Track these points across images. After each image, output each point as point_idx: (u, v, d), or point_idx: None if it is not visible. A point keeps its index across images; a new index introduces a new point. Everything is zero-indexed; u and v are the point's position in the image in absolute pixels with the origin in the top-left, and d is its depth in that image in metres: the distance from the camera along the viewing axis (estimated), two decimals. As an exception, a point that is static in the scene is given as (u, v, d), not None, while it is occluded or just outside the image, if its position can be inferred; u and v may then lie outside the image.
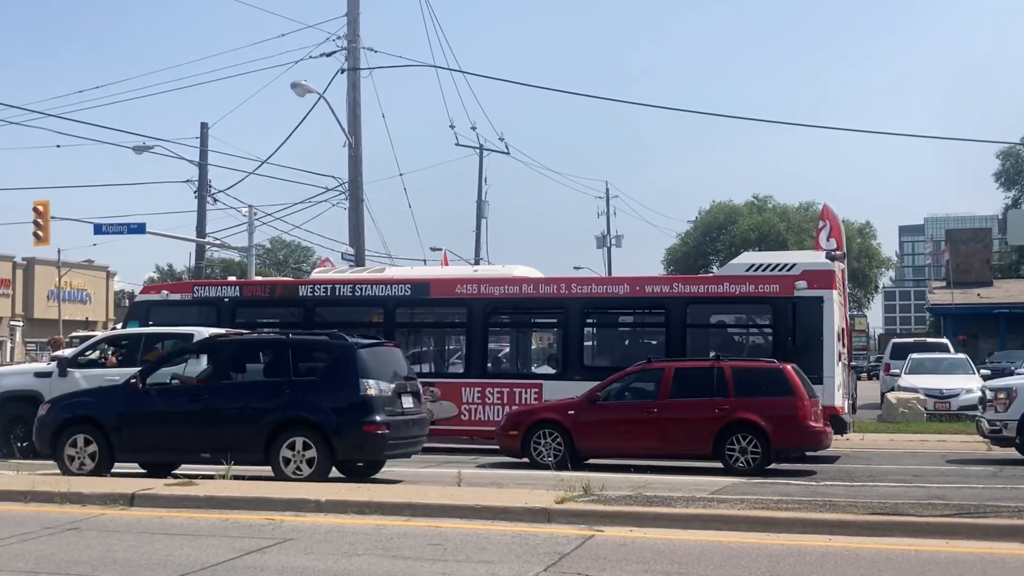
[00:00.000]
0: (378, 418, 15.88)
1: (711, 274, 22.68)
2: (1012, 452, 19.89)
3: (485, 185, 55.19)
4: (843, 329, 22.41)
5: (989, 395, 20.23)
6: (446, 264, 41.08)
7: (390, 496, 13.33)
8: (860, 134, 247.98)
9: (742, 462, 17.94)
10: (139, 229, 36.19)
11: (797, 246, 63.60)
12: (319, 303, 24.02)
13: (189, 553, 10.45)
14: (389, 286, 23.68)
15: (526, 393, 22.10)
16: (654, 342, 22.70)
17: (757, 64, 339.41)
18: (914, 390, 30.44)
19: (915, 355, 35.23)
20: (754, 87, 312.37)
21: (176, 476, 15.49)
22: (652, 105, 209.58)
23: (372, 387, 15.95)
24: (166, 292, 25.35)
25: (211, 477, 15.20)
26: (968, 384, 29.32)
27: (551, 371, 23.11)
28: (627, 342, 23.76)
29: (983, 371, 33.61)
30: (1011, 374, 28.81)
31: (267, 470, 15.89)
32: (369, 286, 23.82)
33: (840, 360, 21.14)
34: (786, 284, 21.06)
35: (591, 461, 18.98)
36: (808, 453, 19.30)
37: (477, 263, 51.80)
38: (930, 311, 68.97)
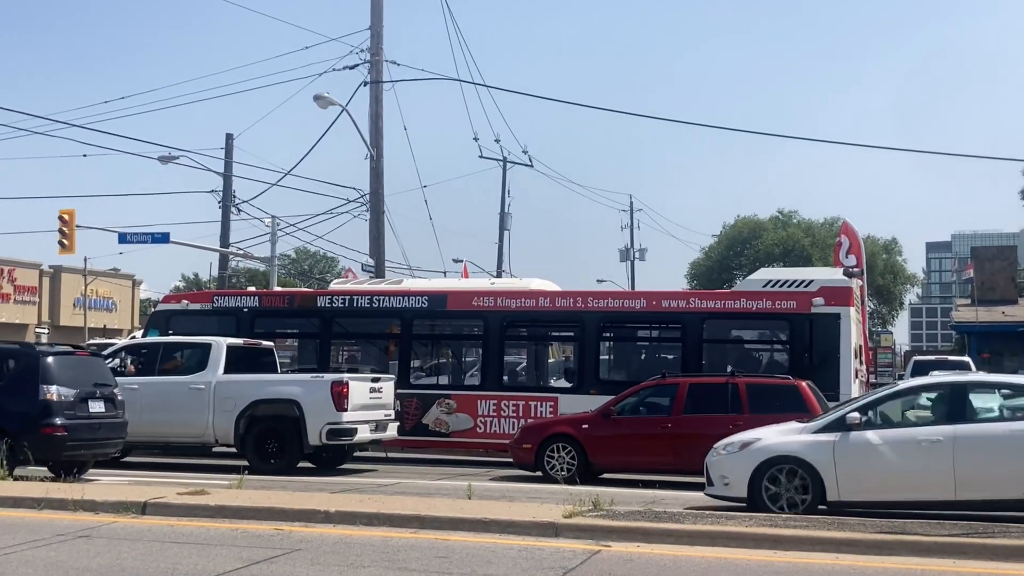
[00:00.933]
0: (57, 421, 17.08)
1: (728, 290, 22.58)
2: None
3: (508, 198, 55.29)
4: (861, 346, 22.30)
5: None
6: (466, 276, 41.16)
7: (399, 508, 13.37)
8: (889, 150, 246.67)
9: None
10: (163, 238, 36.42)
11: (822, 262, 63.35)
12: (337, 314, 24.12)
13: (196, 562, 10.53)
14: (407, 298, 23.74)
15: (542, 406, 22.10)
16: (670, 357, 22.65)
17: (785, 79, 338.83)
18: (934, 408, 30.19)
19: (936, 373, 34.97)
20: (782, 102, 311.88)
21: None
22: (677, 120, 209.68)
23: (52, 393, 17.18)
24: (186, 302, 25.50)
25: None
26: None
27: (567, 385, 23.11)
28: (643, 357, 23.73)
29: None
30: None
31: (284, 478, 15.96)
32: (387, 297, 23.87)
33: (857, 377, 21.05)
34: (803, 300, 21.00)
35: (605, 476, 18.98)
36: None
37: (499, 275, 51.86)
38: (955, 329, 68.46)
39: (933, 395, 15.20)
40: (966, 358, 43.44)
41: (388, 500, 14.33)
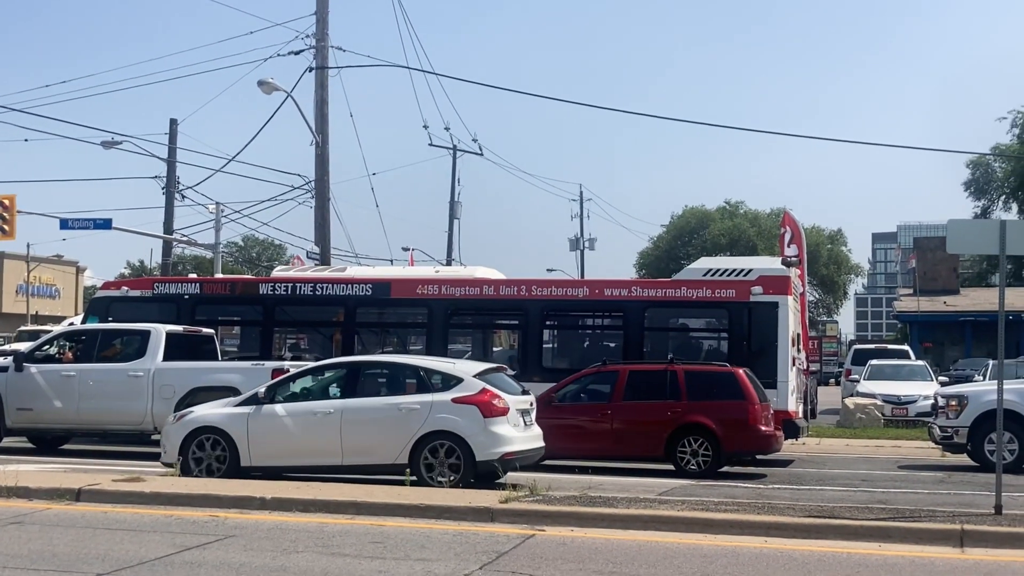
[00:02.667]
0: None
1: (669, 279, 22.78)
2: (964, 458, 20.12)
3: (458, 186, 55.25)
4: (799, 334, 22.61)
5: (941, 402, 20.48)
6: (412, 264, 41.13)
7: (336, 495, 13.42)
8: (835, 142, 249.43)
9: (693, 464, 18.11)
10: (105, 225, 36.06)
11: (768, 251, 63.95)
12: (279, 301, 24.02)
13: (129, 548, 10.51)
14: (350, 285, 23.71)
15: None
16: (613, 345, 22.83)
17: (733, 71, 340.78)
18: (872, 396, 30.73)
19: (875, 361, 35.54)
20: (730, 94, 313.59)
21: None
22: (626, 111, 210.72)
23: None
24: (126, 288, 25.26)
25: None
26: (926, 391, 29.60)
27: (511, 372, 23.18)
28: (586, 344, 23.88)
29: (941, 378, 33.95)
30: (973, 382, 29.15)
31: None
32: (330, 285, 23.81)
33: (795, 365, 21.35)
34: (742, 289, 21.26)
35: (547, 462, 19.05)
36: (760, 456, 19.49)
37: (449, 264, 51.84)
38: (897, 318, 69.45)
39: (335, 373, 16.69)
40: (905, 347, 44.12)
41: (325, 487, 14.35)
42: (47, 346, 21.35)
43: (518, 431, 15.76)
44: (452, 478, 15.04)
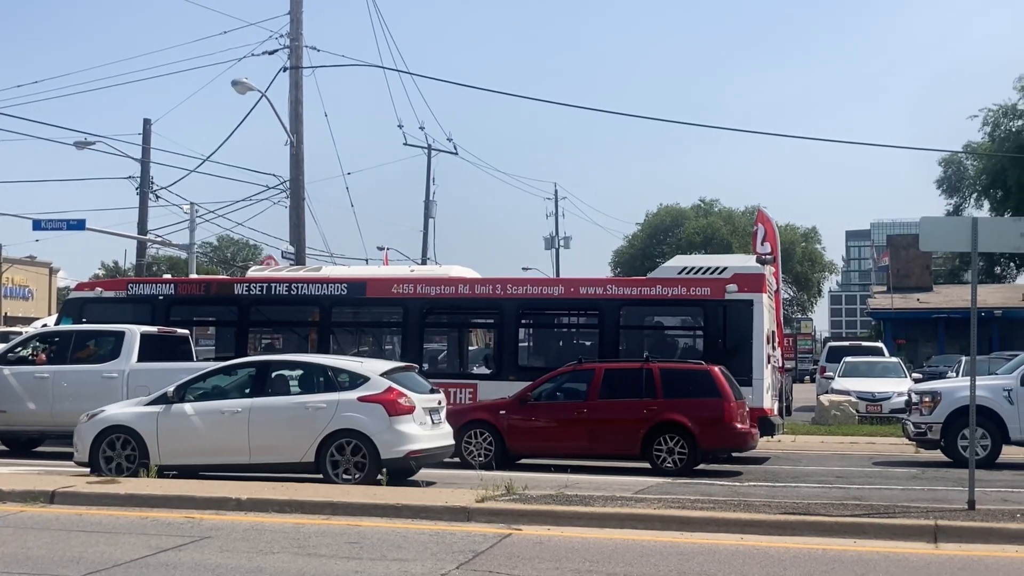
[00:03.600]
0: None
1: (644, 277, 22.83)
2: (937, 455, 20.24)
3: (433, 185, 55.12)
4: (774, 332, 22.68)
5: (915, 398, 20.61)
6: (387, 264, 41.06)
7: (312, 495, 13.39)
8: (809, 140, 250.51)
9: (669, 462, 18.15)
10: (79, 226, 35.79)
11: (742, 249, 64.15)
12: (254, 301, 23.94)
13: (104, 551, 10.46)
14: (325, 285, 23.66)
15: (461, 393, 22.14)
16: (588, 343, 22.85)
17: (708, 70, 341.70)
18: (847, 393, 30.87)
19: (849, 358, 35.71)
20: (705, 93, 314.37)
21: (100, 473, 15.51)
22: (600, 110, 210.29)
23: None
24: (100, 289, 25.13)
25: (135, 475, 15.24)
26: (900, 387, 29.73)
27: (486, 371, 23.21)
28: (562, 343, 23.90)
29: (914, 375, 34.13)
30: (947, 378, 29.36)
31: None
32: (305, 285, 23.72)
33: (770, 362, 21.43)
34: (717, 287, 21.31)
35: (525, 461, 19.11)
36: (736, 454, 19.56)
37: (424, 263, 51.77)
38: (871, 315, 69.79)
39: (245, 373, 16.78)
40: (879, 344, 44.34)
41: (301, 487, 14.31)
42: (20, 348, 21.18)
43: (424, 429, 15.93)
44: (357, 476, 15.27)
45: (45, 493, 13.47)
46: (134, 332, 20.43)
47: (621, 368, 19.38)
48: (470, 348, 24.86)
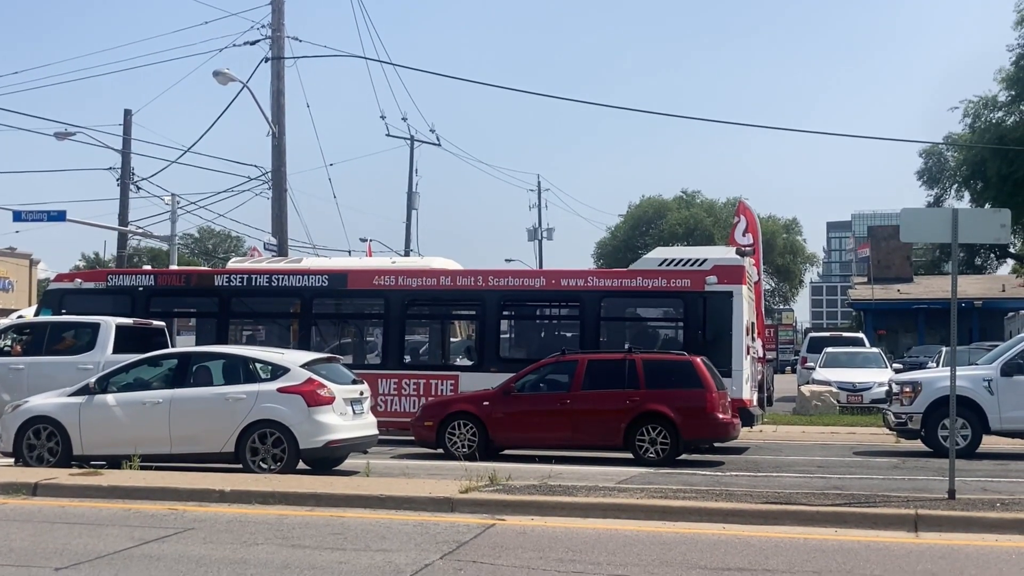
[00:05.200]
0: None
1: (625, 269, 22.91)
2: (917, 444, 20.37)
3: (416, 177, 55.08)
4: (753, 323, 22.78)
5: (895, 388, 20.73)
6: (370, 255, 41.01)
7: (296, 486, 13.39)
8: (791, 132, 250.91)
9: (652, 453, 18.23)
10: (59, 217, 35.57)
11: (723, 241, 64.20)
12: (235, 293, 23.89)
13: (87, 542, 10.44)
14: (306, 276, 23.63)
15: (442, 385, 22.20)
16: (569, 335, 22.91)
17: (690, 62, 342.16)
18: (827, 383, 31.02)
19: (830, 349, 35.87)
20: (688, 85, 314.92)
21: (83, 465, 15.48)
22: (584, 101, 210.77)
23: None
24: (80, 280, 25.05)
25: (118, 466, 15.21)
26: (881, 378, 29.95)
27: (468, 363, 23.23)
28: (543, 334, 23.96)
29: (895, 365, 34.31)
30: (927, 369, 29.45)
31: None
32: (286, 276, 23.69)
33: (749, 353, 21.52)
34: (696, 279, 21.42)
35: (508, 452, 19.15)
36: (717, 444, 19.64)
37: (407, 255, 51.74)
38: (852, 306, 70.09)
39: (167, 364, 16.97)
40: (860, 335, 44.54)
41: (284, 479, 14.32)
42: (-6, 339, 21.15)
43: (345, 420, 16.14)
44: (276, 466, 15.47)
45: (27, 485, 13.44)
46: (109, 324, 20.46)
47: (604, 359, 19.43)
48: (452, 340, 24.88)
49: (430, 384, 22.31)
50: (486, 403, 19.21)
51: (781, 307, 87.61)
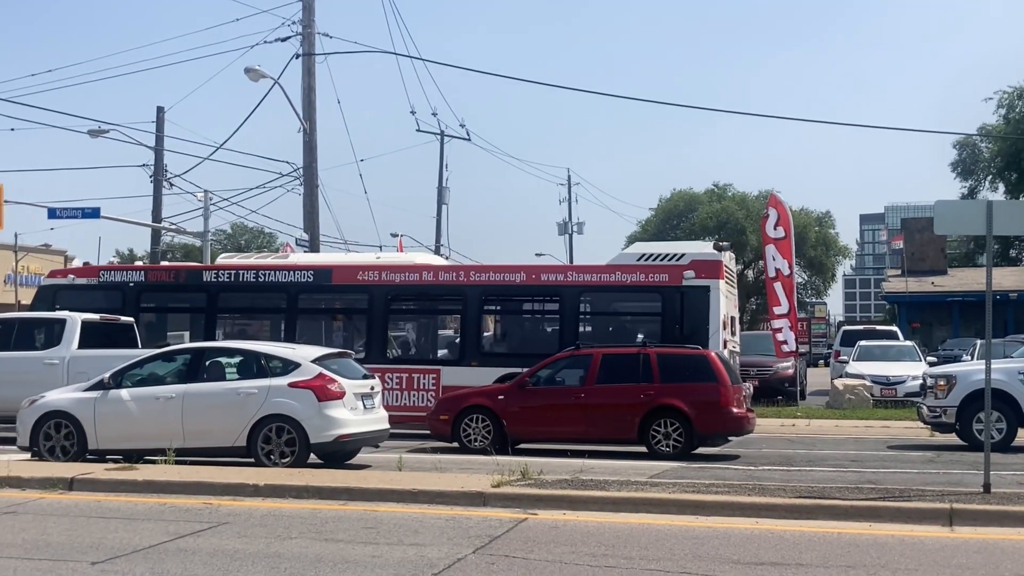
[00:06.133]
0: None
1: (604, 264, 22.97)
2: (952, 438, 20.22)
3: (446, 171, 55.23)
4: (733, 317, 23.04)
5: (930, 382, 20.58)
6: (401, 250, 41.11)
7: (329, 481, 13.46)
8: (824, 124, 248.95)
9: (666, 447, 18.22)
10: (93, 214, 35.91)
11: (755, 235, 64.04)
12: (223, 288, 24.20)
13: (123, 537, 10.54)
14: (292, 272, 23.88)
15: (424, 379, 22.54)
16: (549, 329, 23.16)
17: (723, 54, 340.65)
18: (861, 377, 30.81)
19: (864, 342, 35.63)
20: (720, 77, 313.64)
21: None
22: (614, 95, 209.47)
23: None
24: (72, 277, 25.63)
25: (154, 462, 15.34)
26: (915, 371, 29.68)
27: (450, 357, 23.46)
28: (523, 329, 24.29)
29: (929, 358, 34.03)
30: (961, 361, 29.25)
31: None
32: (272, 272, 23.96)
33: (726, 347, 21.52)
34: (674, 273, 21.62)
35: (533, 446, 19.06)
36: (732, 438, 19.46)
37: (437, 250, 51.83)
38: (885, 299, 69.62)
39: (180, 359, 17.14)
40: (894, 327, 44.23)
41: (318, 473, 14.40)
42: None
43: (356, 414, 16.24)
44: (287, 460, 15.62)
45: (64, 480, 13.58)
46: (75, 320, 20.93)
47: (618, 353, 19.48)
48: (433, 335, 24.92)
49: (412, 378, 22.59)
50: (501, 397, 19.26)
51: (814, 300, 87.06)
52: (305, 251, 31.07)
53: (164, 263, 33.42)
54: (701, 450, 18.76)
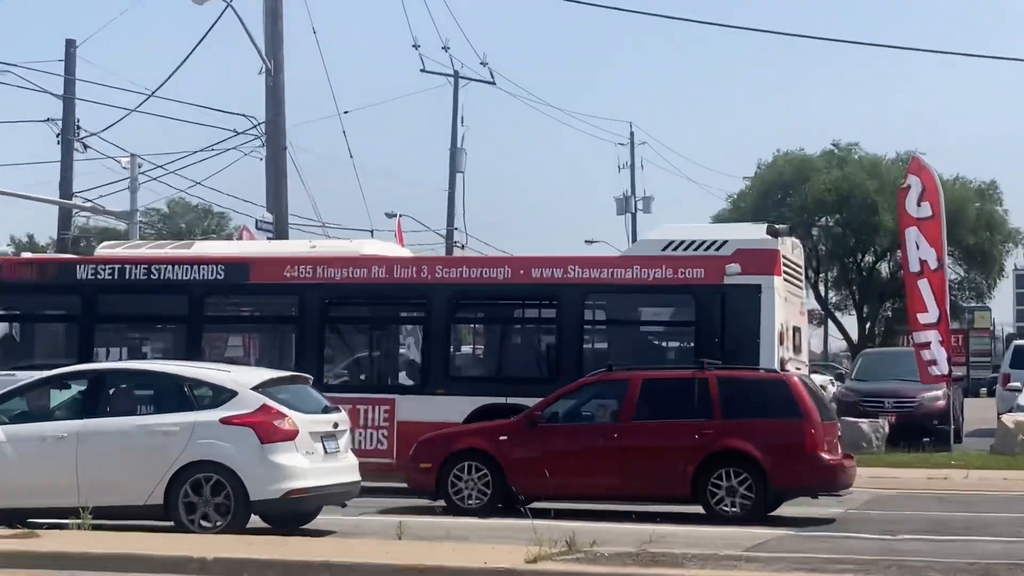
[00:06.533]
0: None
1: (618, 255, 22.86)
2: None
3: (462, 128, 55.32)
4: (796, 327, 22.65)
5: None
6: (399, 234, 41.31)
7: (304, 553, 13.53)
8: (988, 60, 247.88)
9: (730, 506, 18.18)
10: (-23, 187, 36.30)
11: (891, 211, 63.80)
12: (101, 288, 23.93)
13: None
14: (196, 267, 23.71)
15: (373, 412, 22.40)
16: (543, 345, 23.32)
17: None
18: (1041, 411, 30.69)
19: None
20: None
21: (22, 525, 15.86)
22: (688, 19, 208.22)
23: None
24: None
25: (65, 527, 15.40)
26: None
27: (408, 383, 23.54)
28: (508, 345, 24.31)
29: None
30: None
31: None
32: (170, 267, 23.76)
33: (784, 369, 21.16)
34: (713, 268, 21.34)
35: (553, 504, 18.85)
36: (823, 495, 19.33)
37: (449, 233, 52.04)
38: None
39: (75, 386, 17.12)
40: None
41: (286, 541, 14.48)
42: None
43: (313, 461, 16.29)
44: (219, 523, 15.57)
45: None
46: None
47: (665, 378, 19.70)
48: (386, 352, 24.87)
49: (357, 411, 21.92)
50: (504, 438, 19.28)
51: (973, 305, 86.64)
52: (269, 237, 31.20)
53: (26, 254, 32.90)
54: (788, 510, 18.76)
